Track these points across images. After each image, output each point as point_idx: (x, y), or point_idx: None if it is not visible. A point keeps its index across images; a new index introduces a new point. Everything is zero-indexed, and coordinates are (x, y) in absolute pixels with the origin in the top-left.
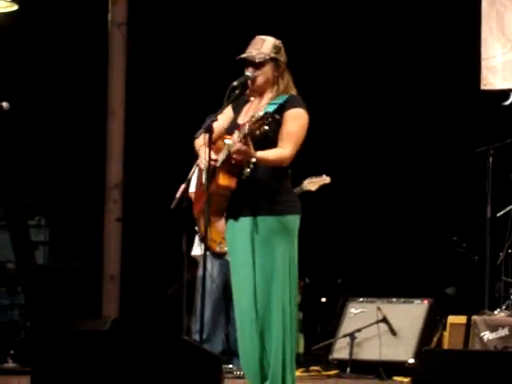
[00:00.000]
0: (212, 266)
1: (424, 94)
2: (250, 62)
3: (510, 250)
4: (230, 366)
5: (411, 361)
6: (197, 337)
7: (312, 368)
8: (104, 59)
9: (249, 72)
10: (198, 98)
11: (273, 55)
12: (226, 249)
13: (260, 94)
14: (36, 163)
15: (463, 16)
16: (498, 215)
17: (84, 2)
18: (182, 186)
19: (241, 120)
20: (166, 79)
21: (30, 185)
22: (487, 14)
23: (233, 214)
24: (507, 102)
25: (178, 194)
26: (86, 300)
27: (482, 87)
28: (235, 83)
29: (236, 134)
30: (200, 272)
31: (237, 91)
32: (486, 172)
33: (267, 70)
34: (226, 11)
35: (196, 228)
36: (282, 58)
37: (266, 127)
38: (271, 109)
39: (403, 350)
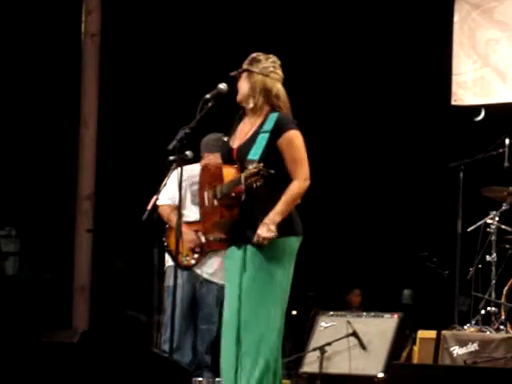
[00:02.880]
0: (180, 278)
1: (395, 109)
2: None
3: (480, 266)
4: (200, 378)
5: (381, 375)
6: (166, 346)
7: (283, 381)
8: (77, 69)
9: (221, 85)
10: (171, 109)
11: (245, 67)
12: (192, 262)
13: (246, 108)
14: (6, 173)
15: (435, 32)
16: (468, 230)
17: (57, 12)
18: (154, 198)
19: (235, 142)
20: (138, 90)
21: (1, 195)
22: (459, 30)
23: (233, 239)
24: (478, 118)
25: (150, 206)
26: (56, 311)
27: (453, 102)
28: (208, 96)
29: None
30: (168, 283)
31: (209, 104)
32: (457, 187)
33: (240, 84)
34: (198, 22)
35: (164, 241)
36: (256, 68)
37: (260, 181)
38: (264, 141)
39: (373, 364)
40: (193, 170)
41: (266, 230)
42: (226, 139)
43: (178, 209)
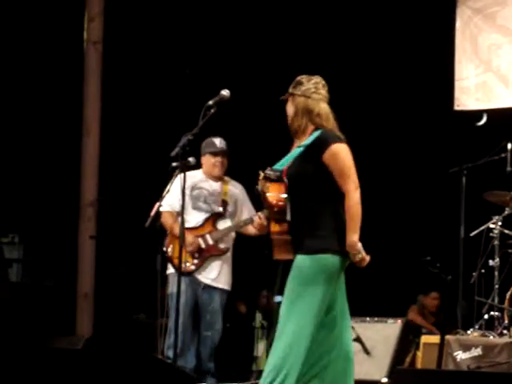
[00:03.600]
0: (182, 284)
1: (397, 115)
2: None
3: (483, 270)
4: None
5: (384, 380)
6: (170, 352)
7: None
8: (79, 77)
9: (224, 92)
10: (174, 116)
11: (290, 91)
12: (192, 267)
13: (294, 130)
14: (10, 180)
15: (437, 37)
16: (471, 235)
17: (60, 20)
18: (157, 205)
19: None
20: (141, 97)
21: (4, 202)
22: (461, 36)
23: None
24: (480, 123)
25: (153, 213)
26: (60, 318)
27: (456, 108)
28: (210, 102)
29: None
30: (171, 289)
31: (212, 110)
32: (459, 192)
33: (287, 107)
34: (200, 28)
35: (164, 248)
36: (299, 91)
37: (266, 185)
38: (295, 153)
39: (376, 370)
40: (194, 176)
41: (353, 256)
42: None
43: (181, 215)
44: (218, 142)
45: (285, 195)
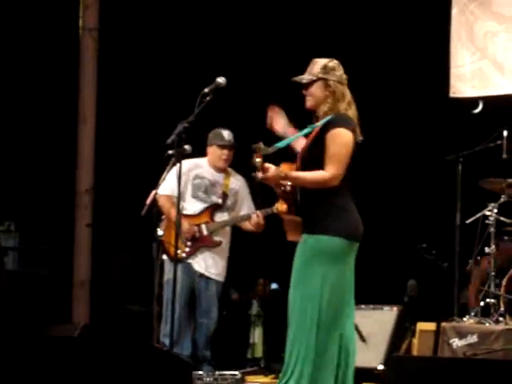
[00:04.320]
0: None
1: (393, 102)
2: (301, 84)
3: (478, 257)
4: (200, 372)
5: (380, 367)
6: (166, 340)
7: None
8: (75, 64)
9: (220, 79)
10: (170, 103)
11: (321, 75)
12: (183, 255)
13: (316, 113)
14: (5, 168)
15: (432, 24)
16: (467, 222)
17: (55, 7)
18: (153, 193)
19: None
20: (137, 85)
21: None
22: (457, 23)
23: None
24: (476, 111)
25: (149, 201)
26: (56, 306)
27: (451, 95)
28: (206, 90)
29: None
30: (168, 276)
31: (208, 98)
32: (455, 179)
33: (314, 91)
34: (197, 15)
35: (159, 231)
36: (334, 77)
37: (257, 159)
38: (306, 132)
39: (372, 357)
40: (199, 166)
41: (265, 174)
42: (224, 131)
43: (177, 203)
44: (227, 134)
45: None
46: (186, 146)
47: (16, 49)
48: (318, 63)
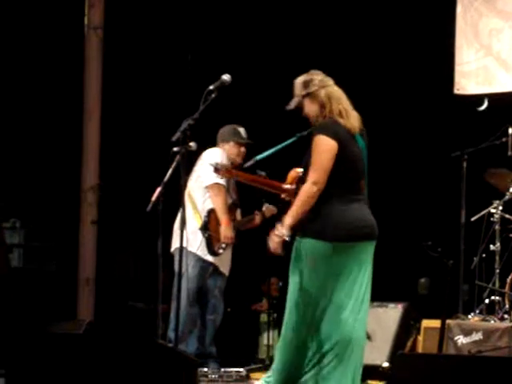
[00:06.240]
0: (187, 266)
1: (398, 99)
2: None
3: (483, 255)
4: (205, 369)
5: (385, 365)
6: (172, 336)
7: None
8: (80, 62)
9: (225, 76)
10: (175, 100)
11: (304, 93)
12: (220, 251)
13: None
14: (11, 165)
15: (438, 21)
16: (472, 220)
17: (61, 5)
18: (158, 189)
19: None
20: (142, 82)
21: (5, 187)
22: (461, 20)
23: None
24: (481, 108)
25: (154, 197)
26: (61, 303)
27: (456, 92)
28: (211, 87)
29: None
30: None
31: (213, 95)
32: (460, 177)
33: (308, 109)
34: (201, 13)
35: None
36: (315, 86)
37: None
38: (290, 141)
39: (377, 354)
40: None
41: (274, 233)
42: (240, 129)
43: (182, 199)
44: (244, 132)
45: (288, 186)
46: (191, 143)
47: (22, 47)
48: (298, 83)
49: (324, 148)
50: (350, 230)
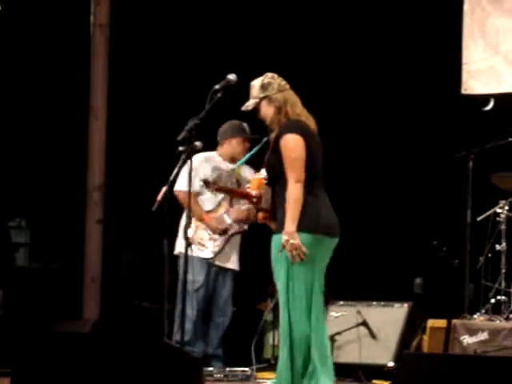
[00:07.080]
0: (193, 269)
1: (404, 99)
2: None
3: (489, 255)
4: (211, 368)
5: (391, 364)
6: (178, 336)
7: None
8: (86, 60)
9: (231, 76)
10: (181, 99)
11: (261, 95)
12: (216, 249)
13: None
14: (16, 164)
15: (445, 21)
16: (478, 220)
17: (67, 3)
18: (164, 189)
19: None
20: (148, 80)
21: (11, 186)
22: (469, 19)
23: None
24: (487, 108)
25: (160, 197)
26: (67, 302)
27: (463, 92)
28: (217, 86)
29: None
30: (182, 272)
31: (219, 94)
32: (466, 177)
33: (264, 111)
34: (208, 13)
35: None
36: (273, 90)
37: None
38: (259, 146)
39: (383, 354)
40: (213, 159)
41: (285, 242)
42: (244, 124)
43: (188, 198)
44: (247, 127)
45: (255, 192)
46: (197, 143)
47: (28, 45)
48: (255, 85)
49: (294, 146)
50: (326, 223)
